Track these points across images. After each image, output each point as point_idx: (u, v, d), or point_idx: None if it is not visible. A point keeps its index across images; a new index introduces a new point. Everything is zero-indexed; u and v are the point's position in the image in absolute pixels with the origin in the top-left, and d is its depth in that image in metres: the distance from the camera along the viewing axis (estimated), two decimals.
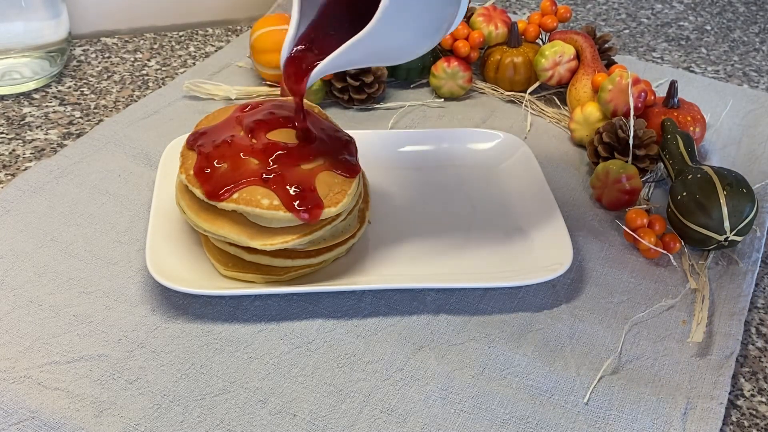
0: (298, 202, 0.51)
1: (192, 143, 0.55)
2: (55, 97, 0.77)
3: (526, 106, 0.79)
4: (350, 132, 0.61)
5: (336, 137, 0.56)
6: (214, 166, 0.52)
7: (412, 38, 0.49)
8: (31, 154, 0.69)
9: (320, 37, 0.51)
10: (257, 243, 0.51)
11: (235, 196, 0.51)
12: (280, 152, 0.52)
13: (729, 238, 0.58)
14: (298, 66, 0.51)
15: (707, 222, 0.58)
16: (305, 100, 0.60)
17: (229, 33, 0.92)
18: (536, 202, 0.62)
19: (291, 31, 0.50)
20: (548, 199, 0.62)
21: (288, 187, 0.51)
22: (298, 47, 0.51)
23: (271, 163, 0.52)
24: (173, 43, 0.88)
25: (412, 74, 0.80)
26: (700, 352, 0.53)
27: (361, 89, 0.75)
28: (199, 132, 0.56)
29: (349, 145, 0.57)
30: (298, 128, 0.54)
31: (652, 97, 0.72)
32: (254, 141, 0.53)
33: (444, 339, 0.53)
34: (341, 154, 0.55)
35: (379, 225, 0.61)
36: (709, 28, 1.03)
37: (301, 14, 0.50)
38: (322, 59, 0.48)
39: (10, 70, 0.76)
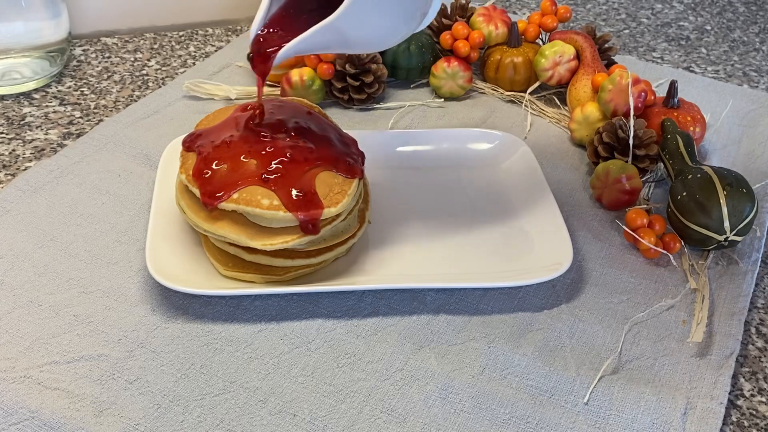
0: (298, 202, 0.51)
1: (188, 145, 0.55)
2: (55, 97, 0.77)
3: (526, 106, 0.79)
4: (350, 132, 0.61)
5: (337, 137, 0.56)
6: (213, 168, 0.52)
7: (383, 25, 0.49)
8: (31, 154, 0.69)
9: (291, 19, 0.51)
10: (257, 243, 0.51)
11: (235, 196, 0.51)
12: (280, 152, 0.52)
13: (729, 238, 0.58)
14: (265, 46, 0.50)
15: (707, 222, 0.58)
16: (305, 100, 0.61)
17: (229, 33, 0.92)
18: (536, 202, 0.62)
19: (261, 11, 0.50)
20: (548, 199, 0.62)
21: (288, 187, 0.51)
22: (268, 28, 0.51)
23: (271, 164, 0.52)
24: (173, 43, 0.88)
25: (412, 74, 0.80)
26: (700, 352, 0.53)
27: (361, 89, 0.75)
28: (195, 134, 0.56)
29: (350, 145, 0.57)
30: (258, 113, 0.54)
31: (652, 97, 0.72)
32: (254, 141, 0.53)
33: (444, 339, 0.53)
34: (342, 154, 0.55)
35: (379, 225, 0.61)
36: (709, 28, 1.03)
37: None
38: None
39: (10, 70, 0.76)
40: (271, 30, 0.51)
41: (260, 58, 0.50)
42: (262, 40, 0.50)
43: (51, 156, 0.68)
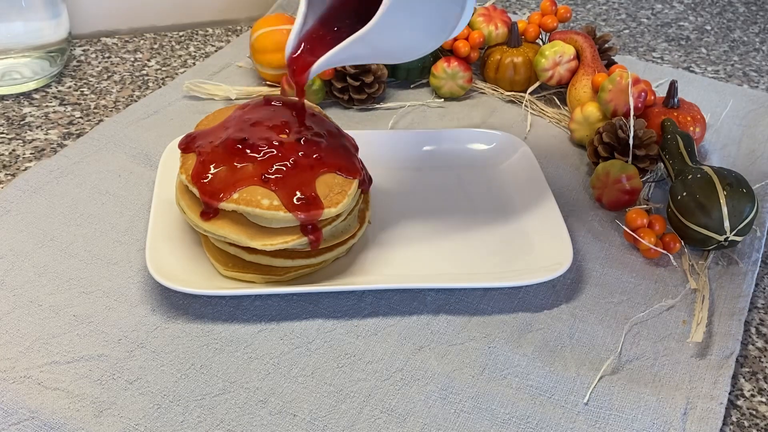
0: (298, 202, 0.51)
1: (185, 147, 0.55)
2: (55, 97, 0.77)
3: (526, 106, 0.79)
4: (350, 132, 0.61)
5: (338, 138, 0.56)
6: (213, 169, 0.52)
7: (415, 37, 0.49)
8: (31, 154, 0.69)
9: (326, 31, 0.52)
10: (257, 243, 0.51)
11: (236, 196, 0.51)
12: (280, 152, 0.52)
13: (729, 238, 0.58)
14: (301, 58, 0.51)
15: (707, 222, 0.58)
16: (305, 101, 0.61)
17: (229, 33, 0.92)
18: (536, 202, 0.62)
19: (297, 23, 0.51)
20: (548, 199, 0.62)
21: (288, 187, 0.51)
22: (304, 41, 0.52)
23: (272, 164, 0.52)
24: (173, 43, 0.88)
25: (412, 74, 0.80)
26: (700, 352, 0.53)
27: (361, 89, 0.75)
28: (191, 135, 0.55)
29: (350, 146, 0.57)
30: (298, 122, 0.55)
31: (652, 97, 0.72)
32: (254, 141, 0.53)
33: (444, 339, 0.53)
34: (342, 154, 0.55)
35: (379, 225, 0.61)
36: (709, 28, 1.03)
37: (309, 8, 0.51)
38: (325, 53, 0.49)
39: (10, 70, 0.76)
40: (307, 42, 0.52)
41: (297, 70, 0.52)
42: (297, 51, 0.52)
43: (51, 156, 0.68)
